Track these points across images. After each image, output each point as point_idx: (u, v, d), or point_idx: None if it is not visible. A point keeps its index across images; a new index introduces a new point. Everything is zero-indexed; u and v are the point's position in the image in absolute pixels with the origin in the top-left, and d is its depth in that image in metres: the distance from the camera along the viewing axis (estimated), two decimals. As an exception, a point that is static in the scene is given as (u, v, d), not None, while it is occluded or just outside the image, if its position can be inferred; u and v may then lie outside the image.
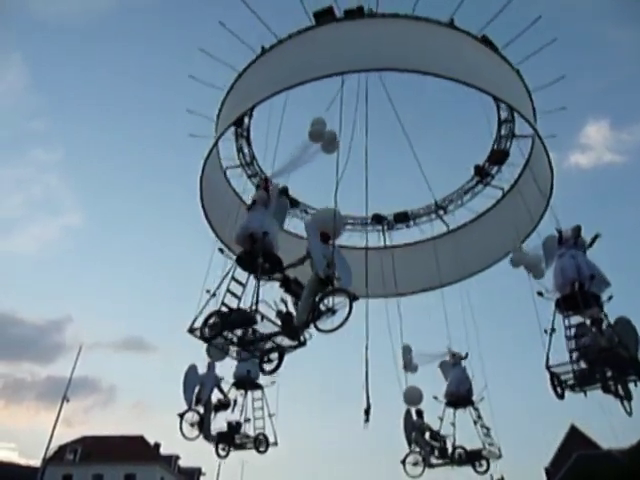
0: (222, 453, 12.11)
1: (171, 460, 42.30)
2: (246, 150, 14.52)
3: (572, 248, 9.27)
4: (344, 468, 56.69)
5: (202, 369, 12.26)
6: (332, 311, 7.75)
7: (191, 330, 8.24)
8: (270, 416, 12.58)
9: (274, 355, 8.43)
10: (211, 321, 8.07)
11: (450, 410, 13.02)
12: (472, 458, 12.68)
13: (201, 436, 11.81)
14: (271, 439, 12.50)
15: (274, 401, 12.71)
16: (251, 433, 12.50)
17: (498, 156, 14.23)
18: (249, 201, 10.02)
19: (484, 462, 12.61)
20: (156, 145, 74.98)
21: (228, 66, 12.40)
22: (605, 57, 71.31)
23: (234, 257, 8.64)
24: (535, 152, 13.31)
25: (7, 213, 74.07)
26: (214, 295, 8.23)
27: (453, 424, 12.95)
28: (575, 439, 33.32)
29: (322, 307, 7.83)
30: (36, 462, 29.82)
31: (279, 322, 8.08)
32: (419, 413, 13.26)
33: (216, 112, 13.01)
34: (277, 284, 8.52)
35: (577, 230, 9.49)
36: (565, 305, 8.88)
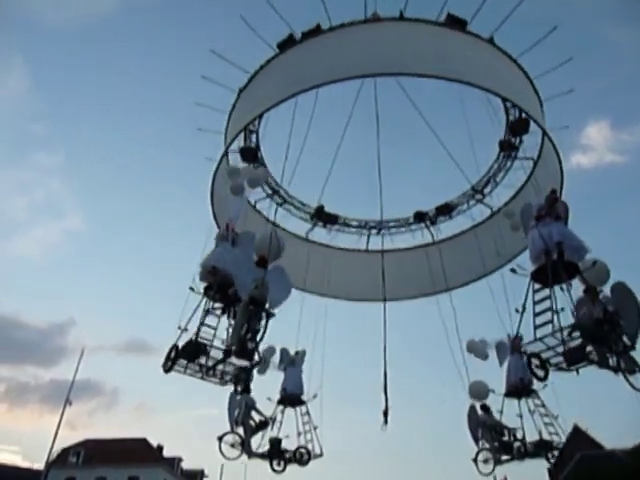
0: (278, 468, 12.59)
1: (174, 462, 42.36)
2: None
3: (546, 217, 8.69)
4: (348, 469, 56.63)
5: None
6: (256, 331, 8.71)
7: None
8: (314, 429, 12.80)
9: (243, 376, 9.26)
10: (172, 355, 8.87)
11: (510, 401, 12.46)
12: (544, 449, 11.97)
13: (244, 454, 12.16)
14: (317, 451, 12.88)
15: (317, 414, 13.01)
16: (293, 447, 12.76)
17: (520, 125, 13.72)
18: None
19: (556, 452, 11.99)
20: (157, 146, 75.22)
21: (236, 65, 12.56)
22: (605, 57, 71.42)
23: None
24: (543, 152, 13.38)
25: (10, 216, 74.33)
26: (186, 330, 8.92)
27: (520, 416, 12.26)
28: (578, 439, 33.21)
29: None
30: (39, 465, 29.86)
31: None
32: (485, 408, 12.71)
33: (224, 127, 13.24)
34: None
35: (551, 199, 8.90)
36: (538, 277, 8.38)
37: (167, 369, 8.78)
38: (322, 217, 16.20)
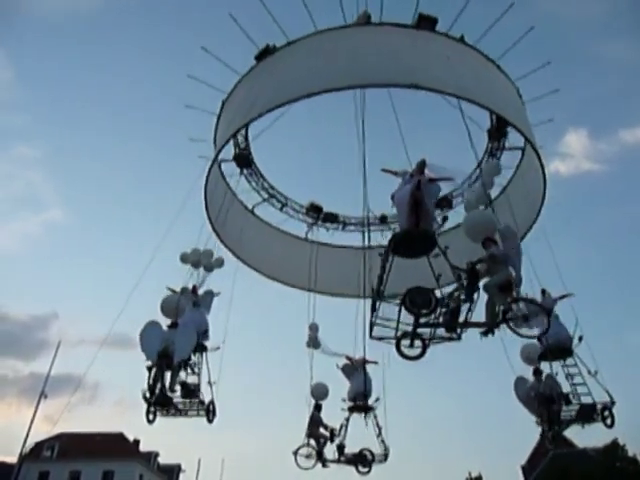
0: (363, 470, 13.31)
1: (150, 457, 41.88)
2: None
3: None
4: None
5: None
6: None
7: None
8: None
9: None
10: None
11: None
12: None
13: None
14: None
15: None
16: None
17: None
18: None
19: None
20: (138, 138, 74.34)
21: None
22: (588, 69, 72.83)
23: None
24: (525, 164, 13.60)
25: (-10, 209, 72.63)
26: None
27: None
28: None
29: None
30: (13, 459, 29.31)
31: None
32: (538, 373, 11.93)
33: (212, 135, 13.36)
34: None
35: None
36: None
37: (151, 421, 10.90)
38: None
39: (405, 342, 8.09)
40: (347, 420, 13.73)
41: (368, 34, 11.35)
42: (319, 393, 13.94)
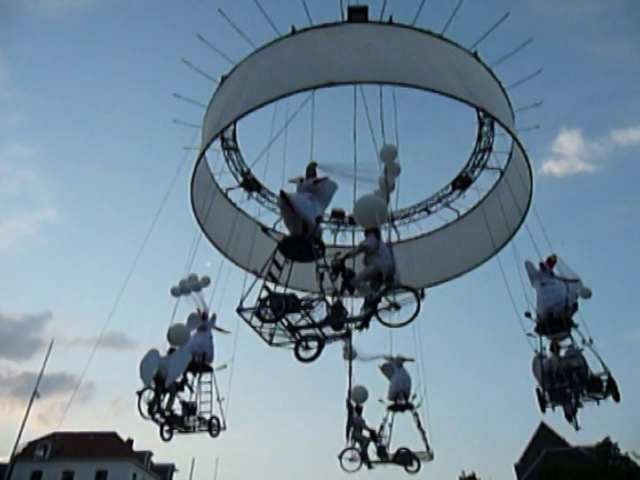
0: (412, 469, 13.26)
1: (144, 456, 41.69)
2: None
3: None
4: (317, 465, 56.99)
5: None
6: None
7: None
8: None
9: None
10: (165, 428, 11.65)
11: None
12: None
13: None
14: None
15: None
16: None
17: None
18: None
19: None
20: (133, 140, 74.12)
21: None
22: (579, 71, 73.28)
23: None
24: (514, 164, 13.59)
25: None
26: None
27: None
28: (544, 436, 34.06)
29: None
30: (5, 459, 29.13)
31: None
32: (556, 347, 11.26)
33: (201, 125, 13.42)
34: None
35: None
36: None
37: (169, 438, 11.47)
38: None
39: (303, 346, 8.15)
40: (385, 420, 13.76)
41: (296, 42, 11.36)
42: (359, 396, 13.91)
